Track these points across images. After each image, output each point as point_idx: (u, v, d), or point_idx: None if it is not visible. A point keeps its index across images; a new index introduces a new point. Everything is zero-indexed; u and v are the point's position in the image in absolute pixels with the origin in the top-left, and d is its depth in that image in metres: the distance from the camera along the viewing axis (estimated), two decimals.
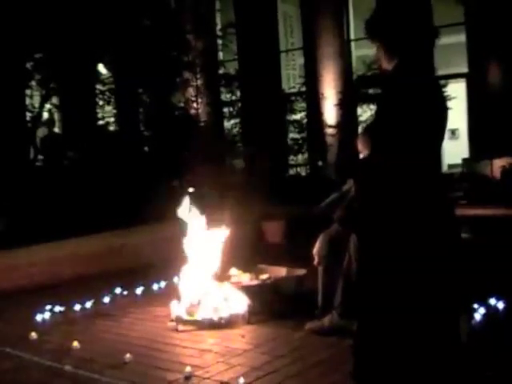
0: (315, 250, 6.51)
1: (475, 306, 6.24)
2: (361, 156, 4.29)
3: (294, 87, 18.16)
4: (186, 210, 7.27)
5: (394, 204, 3.94)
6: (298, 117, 17.49)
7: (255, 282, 7.27)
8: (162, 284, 8.50)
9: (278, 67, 18.75)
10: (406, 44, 4.13)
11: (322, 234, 6.47)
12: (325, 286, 6.39)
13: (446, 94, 12.43)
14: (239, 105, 18.30)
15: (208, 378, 5.23)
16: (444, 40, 14.98)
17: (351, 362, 4.25)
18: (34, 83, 14.03)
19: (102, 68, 15.32)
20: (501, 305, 6.46)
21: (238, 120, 17.98)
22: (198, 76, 16.67)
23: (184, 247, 7.18)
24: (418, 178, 3.93)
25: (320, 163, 16.12)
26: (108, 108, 16.47)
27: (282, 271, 7.52)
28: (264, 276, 7.39)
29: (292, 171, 17.43)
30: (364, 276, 4.19)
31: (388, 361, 3.99)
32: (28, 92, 14.19)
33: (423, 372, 3.95)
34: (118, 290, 8.24)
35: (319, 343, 5.98)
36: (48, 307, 7.51)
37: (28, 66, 13.65)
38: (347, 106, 15.88)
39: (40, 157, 14.16)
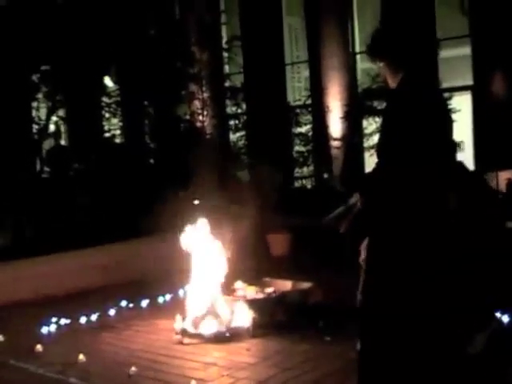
0: (362, 246, 6.47)
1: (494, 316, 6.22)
2: None
3: (299, 100, 18.18)
4: (192, 223, 7.29)
5: (402, 215, 3.94)
6: (303, 129, 17.50)
7: (260, 296, 7.28)
8: (168, 297, 8.49)
9: (284, 80, 18.78)
10: (409, 59, 4.15)
11: None
12: None
13: (451, 106, 12.55)
14: (245, 117, 18.33)
15: None
16: (449, 52, 14.99)
17: (356, 375, 4.24)
18: (40, 95, 14.06)
19: (108, 81, 15.36)
20: (506, 318, 6.45)
21: (243, 133, 18.00)
22: (204, 89, 16.72)
23: (189, 260, 7.19)
24: (425, 190, 3.93)
25: (326, 176, 16.12)
26: (114, 120, 16.51)
27: (287, 285, 7.52)
28: (269, 289, 7.39)
29: (297, 183, 17.43)
30: (371, 285, 4.18)
31: (392, 371, 3.99)
32: (34, 104, 14.23)
33: (426, 379, 3.95)
34: (123, 303, 8.23)
35: (325, 356, 5.99)
36: (53, 319, 7.51)
37: (34, 78, 13.69)
38: (352, 119, 15.88)
39: (46, 169, 14.19)
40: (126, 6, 13.94)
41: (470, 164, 15.24)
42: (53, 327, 7.38)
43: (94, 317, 7.71)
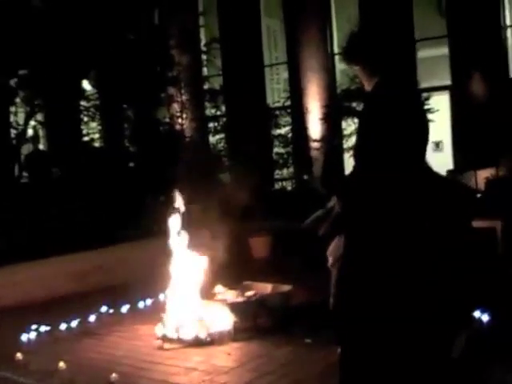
0: (329, 251, 6.50)
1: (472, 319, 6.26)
2: None
3: (278, 101, 18.20)
4: (173, 226, 7.29)
5: (382, 217, 3.95)
6: (282, 131, 17.52)
7: (241, 299, 7.26)
8: (148, 302, 8.47)
9: (263, 82, 18.80)
10: (384, 64, 4.16)
11: (338, 237, 6.44)
12: None
13: (429, 106, 12.61)
14: (224, 120, 18.32)
15: None
16: (427, 53, 15.08)
17: (338, 377, 4.25)
18: (18, 100, 14.00)
19: (86, 84, 15.31)
20: (485, 317, 6.49)
21: (223, 135, 17.98)
22: (183, 91, 16.71)
23: (170, 264, 7.18)
24: (405, 188, 3.95)
25: (306, 177, 16.14)
26: (93, 124, 16.45)
27: (267, 288, 7.51)
28: (250, 293, 7.38)
29: (277, 185, 17.45)
30: (349, 287, 4.19)
31: (374, 373, 4.00)
32: (12, 109, 14.17)
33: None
34: (103, 309, 8.19)
35: (306, 359, 5.99)
36: (34, 327, 7.46)
37: (12, 83, 13.62)
38: (332, 120, 15.91)
39: (25, 174, 14.12)
40: (104, 10, 13.90)
41: (449, 163, 15.34)
42: (33, 334, 7.33)
43: (74, 323, 7.67)
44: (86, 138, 16.24)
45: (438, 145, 16.47)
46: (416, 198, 3.99)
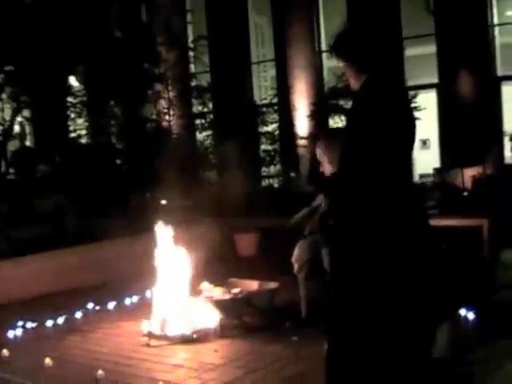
0: (294, 258, 6.51)
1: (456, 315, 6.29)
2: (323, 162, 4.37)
3: (265, 99, 18.16)
4: (159, 223, 7.28)
5: (370, 215, 3.96)
6: (269, 128, 17.47)
7: (227, 296, 7.25)
8: (135, 299, 8.45)
9: (250, 79, 18.77)
10: (372, 63, 4.15)
11: (301, 241, 6.48)
12: (308, 292, 6.43)
13: (416, 104, 12.64)
14: (211, 117, 18.27)
15: None
16: (414, 51, 15.06)
17: (324, 375, 4.25)
18: (4, 96, 13.96)
19: (73, 80, 15.28)
20: (471, 315, 6.51)
21: (210, 132, 17.93)
22: (170, 88, 16.67)
23: (156, 261, 7.16)
24: (391, 190, 3.95)
25: (292, 174, 16.13)
26: (80, 121, 16.42)
27: (253, 285, 7.51)
28: (236, 290, 7.37)
29: (264, 183, 17.41)
30: (338, 286, 4.19)
31: (360, 370, 4.01)
32: None
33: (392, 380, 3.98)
34: (90, 306, 8.17)
35: (293, 356, 5.99)
36: (20, 323, 7.44)
37: None
38: (319, 118, 15.90)
39: (11, 170, 14.08)
40: (91, 7, 13.87)
41: (436, 161, 15.38)
42: (19, 331, 7.31)
43: (60, 320, 7.66)
44: (72, 135, 16.20)
45: (425, 143, 16.52)
46: (401, 197, 4.01)
